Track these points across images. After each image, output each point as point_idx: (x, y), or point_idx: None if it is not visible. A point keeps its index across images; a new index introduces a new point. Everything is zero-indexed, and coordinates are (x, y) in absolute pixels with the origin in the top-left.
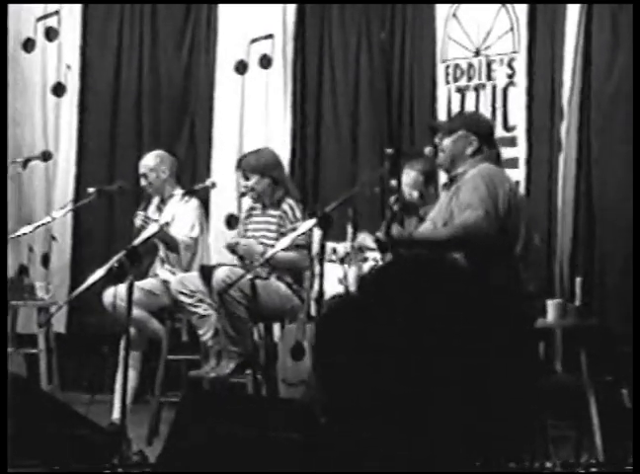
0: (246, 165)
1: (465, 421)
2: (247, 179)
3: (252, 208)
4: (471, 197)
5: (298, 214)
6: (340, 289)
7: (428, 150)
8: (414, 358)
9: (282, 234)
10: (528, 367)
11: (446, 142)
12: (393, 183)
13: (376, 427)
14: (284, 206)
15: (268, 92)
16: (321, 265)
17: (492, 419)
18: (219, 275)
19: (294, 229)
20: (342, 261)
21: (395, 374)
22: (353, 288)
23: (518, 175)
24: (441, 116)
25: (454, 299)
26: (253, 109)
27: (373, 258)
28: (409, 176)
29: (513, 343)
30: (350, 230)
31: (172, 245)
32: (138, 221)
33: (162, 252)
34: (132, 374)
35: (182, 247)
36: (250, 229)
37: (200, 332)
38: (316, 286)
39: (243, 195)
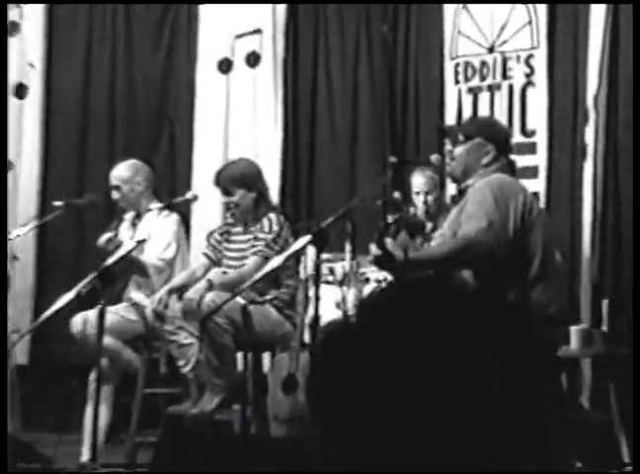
0: (228, 178)
1: (476, 461)
2: (229, 194)
3: (226, 231)
4: (475, 208)
5: (275, 227)
6: (337, 314)
7: (435, 158)
8: (419, 392)
9: (269, 247)
10: (549, 402)
11: (459, 150)
12: (396, 195)
13: (378, 467)
14: (264, 219)
15: (255, 93)
16: (316, 286)
17: (507, 460)
18: (203, 299)
19: (270, 242)
20: (340, 282)
21: (399, 409)
22: (352, 313)
23: (537, 185)
24: (450, 120)
25: (463, 326)
26: (239, 112)
27: (375, 279)
28: (423, 177)
29: (531, 375)
30: (348, 248)
31: (138, 268)
32: (102, 242)
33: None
34: (104, 411)
35: (152, 271)
36: (232, 251)
37: (181, 363)
38: (311, 311)
39: (229, 209)
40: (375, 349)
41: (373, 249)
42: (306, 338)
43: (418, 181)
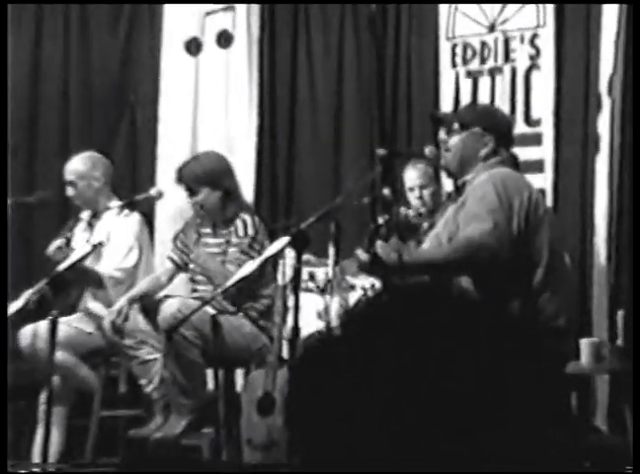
0: (190, 176)
1: None
2: (193, 193)
3: (194, 232)
4: (478, 206)
5: (250, 230)
6: (320, 326)
7: (429, 150)
8: (412, 414)
9: (245, 253)
10: (556, 425)
11: (455, 140)
12: (386, 192)
13: None
14: (237, 221)
15: (228, 77)
16: (296, 295)
17: None
18: (167, 309)
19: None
20: (322, 290)
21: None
22: (336, 325)
23: (543, 181)
24: (446, 107)
25: (461, 339)
26: (209, 98)
27: (362, 286)
28: (416, 170)
29: (535, 393)
30: (331, 252)
31: (92, 279)
32: (51, 252)
33: None
34: (56, 435)
35: (109, 284)
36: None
37: (143, 381)
38: (290, 322)
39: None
40: (363, 365)
41: (361, 253)
42: (284, 352)
43: (411, 175)
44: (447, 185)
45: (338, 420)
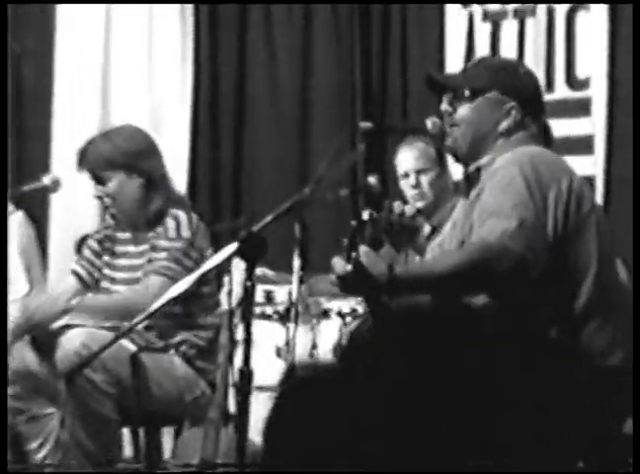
0: (97, 158)
1: None
2: (101, 181)
3: (107, 237)
4: (499, 199)
5: (185, 232)
6: (279, 366)
7: (432, 123)
8: (423, 457)
9: (178, 262)
10: None
11: (464, 112)
12: (372, 180)
13: None
14: (166, 219)
15: (153, 25)
16: (247, 323)
17: None
18: (68, 344)
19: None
20: (283, 316)
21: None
22: (301, 363)
23: (590, 166)
24: (454, 64)
25: (480, 381)
26: (126, 53)
27: (339, 311)
28: (412, 150)
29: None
30: (296, 264)
31: None
32: None
33: None
34: None
35: None
36: (118, 268)
37: (33, 444)
38: (237, 362)
39: (104, 205)
40: (361, 405)
41: (338, 262)
42: (231, 405)
43: (405, 157)
44: (456, 172)
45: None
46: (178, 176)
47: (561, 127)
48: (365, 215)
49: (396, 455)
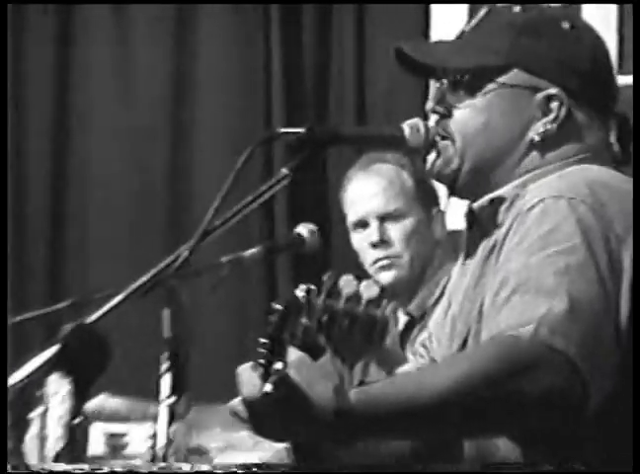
0: None
1: None
2: None
3: None
4: (536, 259)
5: None
6: None
7: (410, 129)
8: None
9: None
10: None
11: (464, 113)
12: (303, 232)
13: None
14: None
15: None
16: None
17: None
18: None
19: None
20: None
21: None
22: None
23: None
24: (441, 29)
25: None
26: None
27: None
28: (372, 180)
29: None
30: (166, 380)
31: None
32: None
33: None
34: None
35: None
36: None
37: None
38: None
39: None
40: None
41: (250, 380)
42: None
43: (362, 192)
44: (452, 216)
45: None
46: None
47: None
48: (300, 293)
49: None
